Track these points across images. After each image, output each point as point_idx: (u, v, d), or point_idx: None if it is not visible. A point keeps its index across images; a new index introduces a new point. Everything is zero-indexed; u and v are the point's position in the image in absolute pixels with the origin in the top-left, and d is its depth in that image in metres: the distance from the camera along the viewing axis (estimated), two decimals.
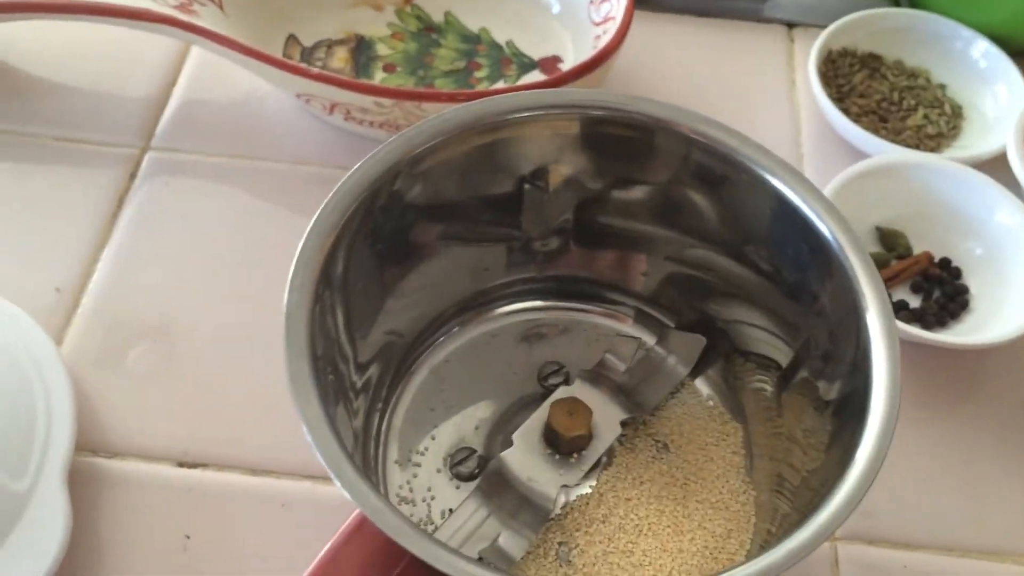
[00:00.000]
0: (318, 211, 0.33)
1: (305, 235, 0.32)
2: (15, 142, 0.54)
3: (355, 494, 0.27)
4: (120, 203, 0.52)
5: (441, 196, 0.37)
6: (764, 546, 0.33)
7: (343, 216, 0.32)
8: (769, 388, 0.39)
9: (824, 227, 0.34)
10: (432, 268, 0.40)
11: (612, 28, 0.53)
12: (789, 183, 0.34)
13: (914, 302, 0.49)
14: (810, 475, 0.33)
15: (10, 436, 0.40)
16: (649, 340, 0.43)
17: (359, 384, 0.37)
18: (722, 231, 0.38)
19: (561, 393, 0.39)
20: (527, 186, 0.38)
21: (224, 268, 0.50)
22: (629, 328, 0.43)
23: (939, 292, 0.49)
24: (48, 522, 0.39)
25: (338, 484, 0.27)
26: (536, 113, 0.35)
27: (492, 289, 0.43)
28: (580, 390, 0.39)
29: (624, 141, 0.36)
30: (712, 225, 0.38)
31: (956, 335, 0.47)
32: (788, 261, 0.36)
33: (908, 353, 0.47)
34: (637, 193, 0.38)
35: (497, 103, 0.35)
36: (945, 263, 0.50)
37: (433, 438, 0.40)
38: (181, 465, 0.43)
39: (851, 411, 0.31)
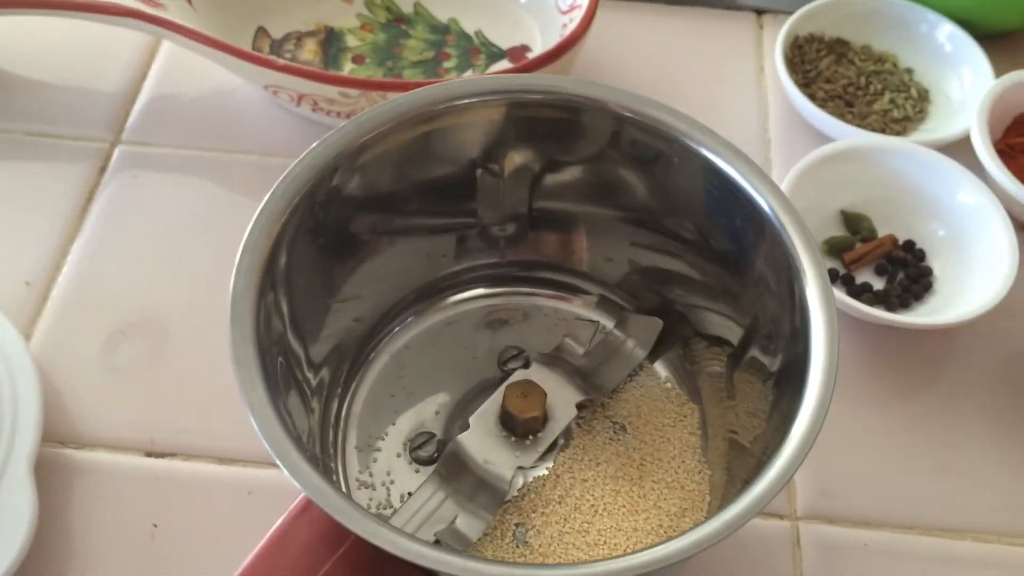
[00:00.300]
0: (265, 198, 0.33)
1: (252, 221, 0.33)
2: None
3: (297, 476, 0.27)
4: (90, 197, 0.52)
5: (392, 183, 0.38)
6: None
7: (290, 203, 0.33)
8: (722, 368, 0.39)
9: (760, 197, 0.34)
10: (388, 255, 0.40)
11: (578, 16, 0.53)
12: (722, 155, 0.35)
13: (878, 284, 0.50)
14: (753, 444, 0.34)
15: None
16: (608, 324, 0.43)
17: (316, 369, 0.37)
18: (665, 209, 0.39)
19: (518, 376, 0.39)
20: (479, 171, 0.38)
21: (193, 260, 0.50)
22: (589, 312, 0.43)
23: (903, 274, 0.50)
24: (14, 512, 0.39)
25: (281, 466, 0.28)
26: (477, 99, 0.36)
27: (451, 276, 0.43)
28: (537, 373, 0.39)
29: (562, 123, 0.36)
30: (655, 204, 0.39)
31: (920, 316, 0.48)
32: (729, 235, 0.36)
33: (872, 335, 0.47)
34: (582, 175, 0.39)
35: (438, 91, 0.35)
36: (909, 245, 0.51)
37: (393, 424, 0.40)
38: (149, 455, 0.44)
39: (791, 381, 0.32)
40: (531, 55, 0.58)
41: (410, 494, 0.38)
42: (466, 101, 0.35)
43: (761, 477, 0.28)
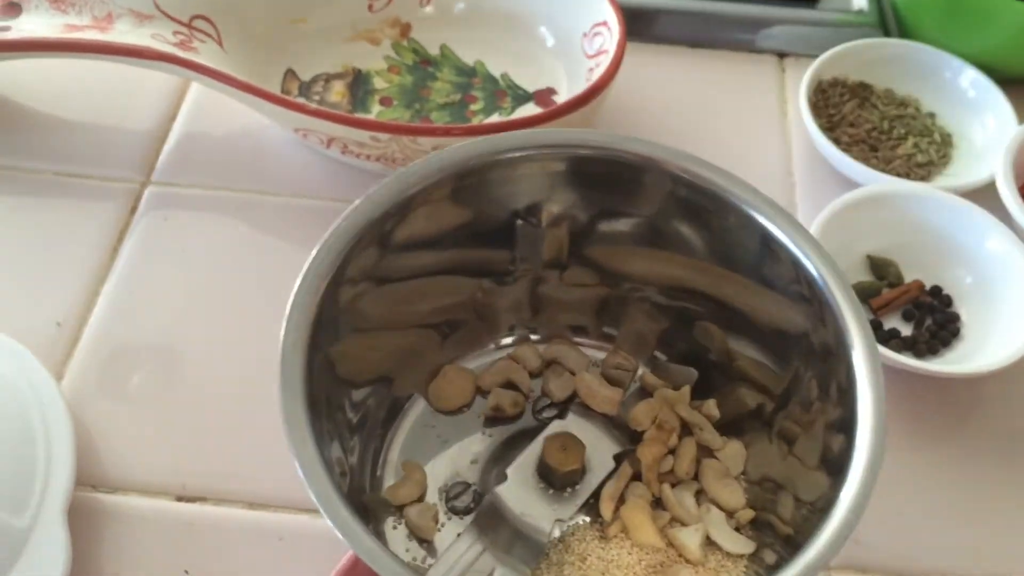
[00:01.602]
0: (313, 252, 0.33)
1: (301, 276, 0.33)
2: (18, 177, 0.55)
3: (349, 536, 0.27)
4: (121, 237, 0.53)
5: (434, 235, 0.38)
6: None
7: (338, 257, 0.33)
8: (759, 421, 0.39)
9: (810, 264, 0.34)
10: (428, 303, 0.40)
11: (605, 61, 0.54)
12: (775, 220, 0.35)
13: (905, 330, 0.50)
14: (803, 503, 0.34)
15: (11, 472, 0.41)
16: (643, 371, 0.43)
17: (354, 421, 0.37)
18: (710, 266, 0.39)
19: (555, 427, 0.39)
20: (520, 222, 0.39)
21: (224, 301, 0.50)
22: (622, 361, 0.43)
23: (930, 320, 0.50)
24: (49, 558, 0.39)
25: (332, 526, 0.28)
26: (527, 152, 0.36)
27: (487, 322, 0.43)
28: (574, 424, 0.39)
29: (613, 179, 0.37)
30: (701, 260, 0.39)
31: (947, 363, 0.48)
32: (776, 296, 0.37)
33: (899, 381, 0.48)
34: (627, 228, 0.39)
35: (486, 144, 0.36)
36: (936, 291, 0.51)
37: (429, 472, 0.40)
38: (180, 499, 0.44)
39: (835, 439, 0.32)
40: (557, 98, 0.58)
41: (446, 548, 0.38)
42: (511, 155, 0.36)
43: (810, 546, 0.28)
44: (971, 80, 0.58)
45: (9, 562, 0.39)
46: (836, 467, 0.31)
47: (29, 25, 0.53)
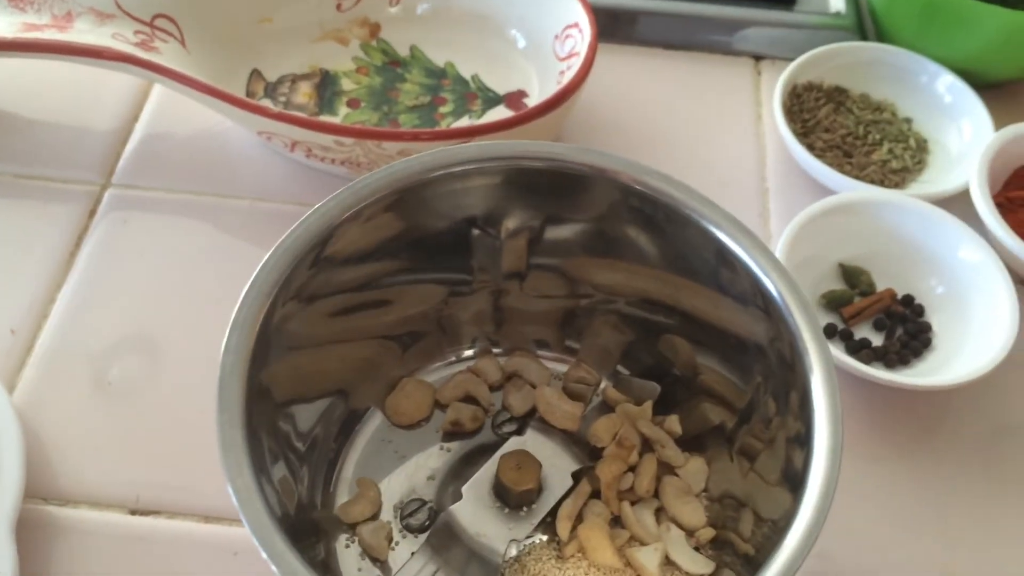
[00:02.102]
0: (255, 271, 0.32)
1: (242, 296, 0.32)
2: None
3: (281, 566, 0.27)
4: (79, 241, 0.52)
5: (387, 248, 0.37)
6: None
7: (281, 275, 0.32)
8: (721, 438, 0.38)
9: (768, 280, 0.33)
10: (380, 318, 0.39)
11: (576, 63, 0.53)
12: (724, 228, 0.34)
13: (877, 340, 0.49)
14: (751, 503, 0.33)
15: None
16: (605, 386, 0.42)
17: (304, 438, 0.36)
18: (670, 278, 0.38)
19: (512, 444, 0.39)
20: (476, 233, 0.38)
21: (183, 307, 0.49)
22: (584, 375, 0.42)
23: (902, 330, 0.49)
24: None
25: (265, 556, 0.27)
26: (479, 165, 0.35)
27: (448, 335, 0.42)
28: (532, 441, 0.39)
29: (566, 190, 0.36)
30: (661, 272, 0.38)
31: (918, 374, 0.47)
32: (736, 311, 0.36)
33: (870, 391, 0.47)
34: (585, 240, 0.38)
35: (439, 156, 0.35)
36: (908, 300, 0.50)
37: (383, 489, 0.39)
38: (133, 513, 0.43)
39: (793, 453, 0.31)
40: (528, 100, 0.57)
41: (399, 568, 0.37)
42: (464, 167, 0.35)
43: (768, 566, 0.27)
44: (948, 85, 0.57)
45: None
46: (795, 484, 0.30)
47: None
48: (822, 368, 0.31)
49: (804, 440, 0.30)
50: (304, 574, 0.26)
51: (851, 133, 0.57)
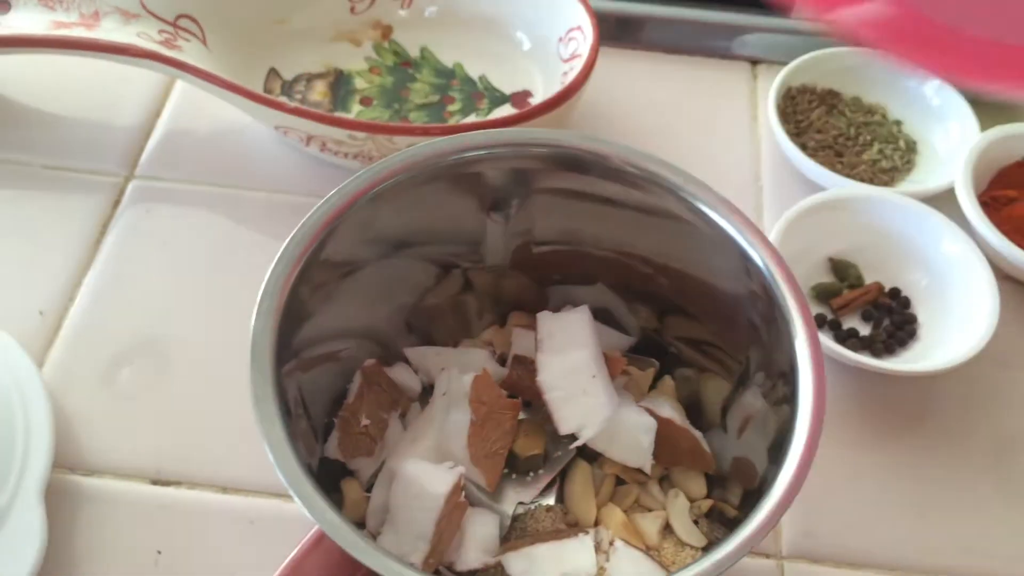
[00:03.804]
0: (285, 242, 0.35)
1: (271, 267, 0.34)
2: (5, 170, 0.56)
3: (313, 511, 0.29)
4: (104, 229, 0.54)
5: (403, 227, 0.39)
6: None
7: (307, 248, 0.35)
8: (718, 401, 0.41)
9: (752, 250, 0.36)
10: (396, 296, 0.42)
11: (579, 65, 0.55)
12: (717, 208, 0.37)
13: (864, 330, 0.51)
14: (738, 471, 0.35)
15: None
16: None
17: (324, 395, 0.39)
18: (662, 258, 0.41)
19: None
20: (486, 216, 0.40)
21: (203, 293, 0.52)
22: None
23: (888, 321, 0.52)
24: (25, 537, 0.40)
25: (298, 502, 0.29)
26: (491, 150, 0.37)
27: (458, 316, 0.45)
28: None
29: (573, 176, 0.38)
30: (652, 250, 0.40)
31: (904, 362, 0.49)
32: (721, 284, 0.38)
33: (857, 379, 0.49)
34: (583, 221, 0.41)
35: (453, 142, 0.37)
36: (895, 293, 0.52)
37: None
38: (155, 483, 0.45)
39: (781, 423, 0.33)
40: (533, 100, 0.60)
41: None
42: (475, 153, 0.37)
43: (750, 520, 0.29)
44: (935, 89, 0.59)
45: None
46: (777, 449, 0.32)
47: (17, 22, 0.55)
48: (805, 332, 0.33)
49: (789, 402, 0.32)
50: (333, 517, 0.28)
51: (843, 134, 0.59)
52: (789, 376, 0.33)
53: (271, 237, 0.54)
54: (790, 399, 0.32)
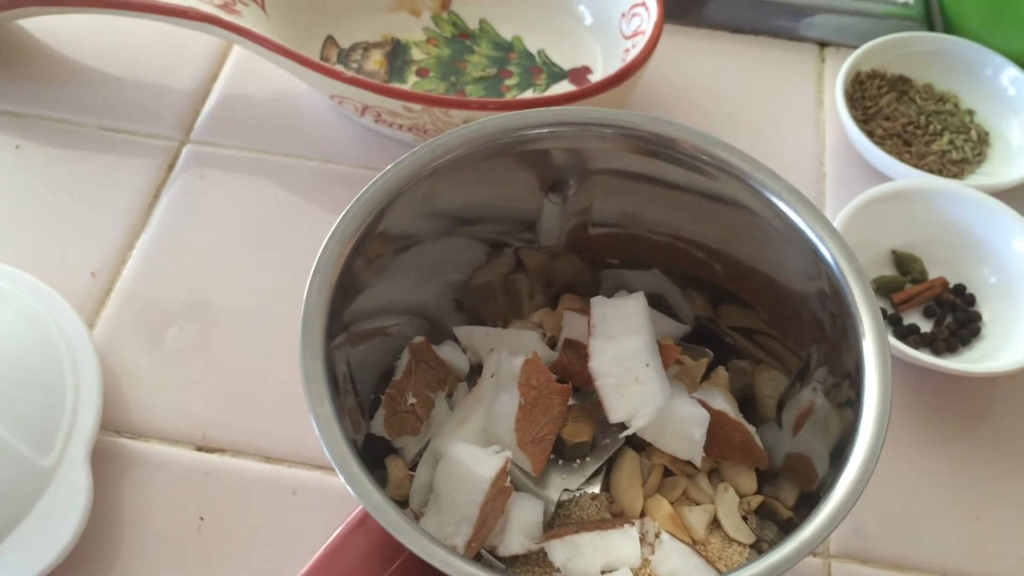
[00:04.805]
0: (339, 218, 0.34)
1: (325, 240, 0.34)
2: (63, 129, 0.56)
3: (359, 491, 0.28)
4: (157, 193, 0.54)
5: (460, 205, 0.39)
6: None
7: (361, 223, 0.34)
8: (774, 398, 0.40)
9: (826, 250, 0.34)
10: (448, 275, 0.41)
11: (641, 42, 0.54)
12: (788, 200, 0.35)
13: (926, 327, 0.50)
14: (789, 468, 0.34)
15: (39, 412, 0.42)
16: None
17: (372, 373, 0.38)
18: (726, 247, 0.39)
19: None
20: (545, 196, 0.39)
21: (253, 260, 0.51)
22: None
23: (951, 318, 0.50)
24: (71, 497, 0.41)
25: (344, 481, 0.29)
26: (553, 129, 0.36)
27: (508, 296, 0.44)
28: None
29: (638, 159, 0.37)
30: (715, 239, 0.39)
31: (966, 362, 0.48)
32: (786, 276, 0.37)
33: (916, 376, 0.48)
34: (645, 206, 0.40)
35: (515, 118, 0.36)
36: (959, 289, 0.51)
37: None
38: (200, 449, 0.45)
39: (843, 422, 0.32)
40: (592, 77, 0.59)
41: None
42: (537, 131, 0.36)
43: (808, 523, 0.29)
44: (1012, 78, 0.57)
45: (34, 498, 0.40)
46: (839, 451, 0.31)
47: None
48: (874, 334, 0.32)
49: (853, 404, 0.31)
50: (378, 498, 0.28)
51: (912, 122, 0.57)
52: (855, 379, 0.31)
53: (322, 206, 0.54)
54: (854, 403, 0.31)
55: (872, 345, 0.32)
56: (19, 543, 0.39)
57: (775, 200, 0.35)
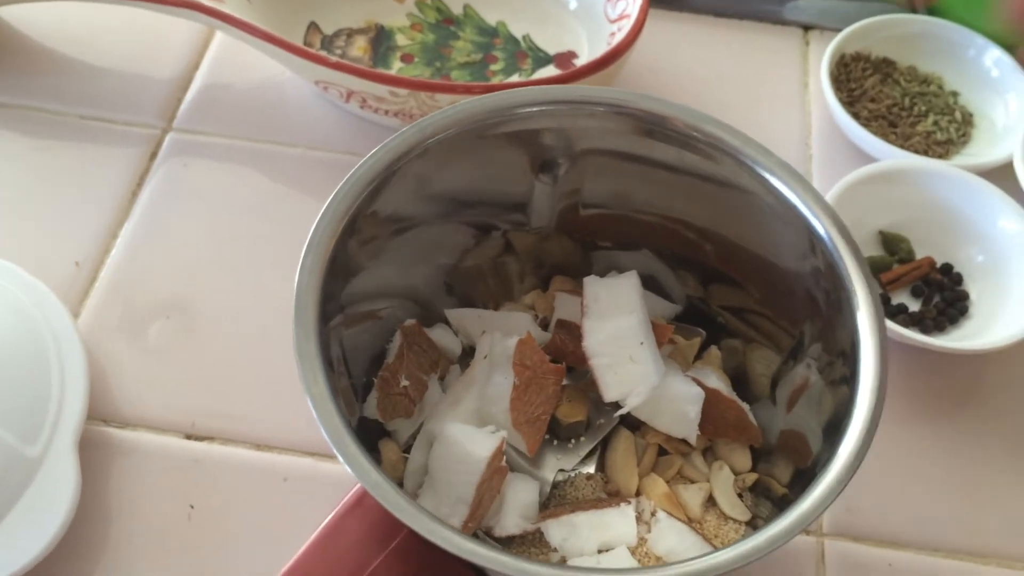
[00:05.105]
0: (329, 198, 0.34)
1: (316, 220, 0.33)
2: (43, 118, 0.55)
3: (357, 469, 0.28)
4: (140, 182, 0.53)
5: (450, 186, 0.38)
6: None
7: (353, 203, 0.34)
8: (767, 375, 0.40)
9: (819, 225, 0.34)
10: (439, 256, 0.41)
11: (627, 25, 0.54)
12: (779, 175, 0.35)
13: (914, 306, 0.50)
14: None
15: (25, 403, 0.42)
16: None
17: (364, 353, 0.38)
18: (719, 225, 0.39)
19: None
20: (534, 176, 0.39)
21: (238, 248, 0.51)
22: None
23: (939, 297, 0.50)
24: (58, 487, 0.40)
25: (341, 459, 0.28)
26: (543, 108, 0.36)
27: (498, 278, 0.44)
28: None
29: (629, 137, 0.37)
30: (708, 217, 0.39)
31: (954, 340, 0.48)
32: (779, 253, 0.37)
33: (905, 356, 0.48)
34: (636, 184, 0.39)
35: (505, 97, 0.36)
36: (946, 268, 0.51)
37: None
38: (188, 437, 0.45)
39: (837, 399, 0.32)
40: (577, 62, 0.58)
41: None
42: (527, 110, 0.36)
43: (805, 497, 0.29)
44: (995, 59, 0.58)
45: (20, 489, 0.40)
46: (834, 427, 0.31)
47: None
48: (869, 308, 0.32)
49: (848, 380, 0.31)
50: (375, 474, 0.28)
51: (897, 104, 0.57)
52: (850, 356, 0.31)
53: (307, 193, 0.53)
54: (849, 379, 0.31)
55: (867, 320, 0.32)
56: (6, 533, 0.39)
57: (768, 176, 0.35)
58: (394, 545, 0.30)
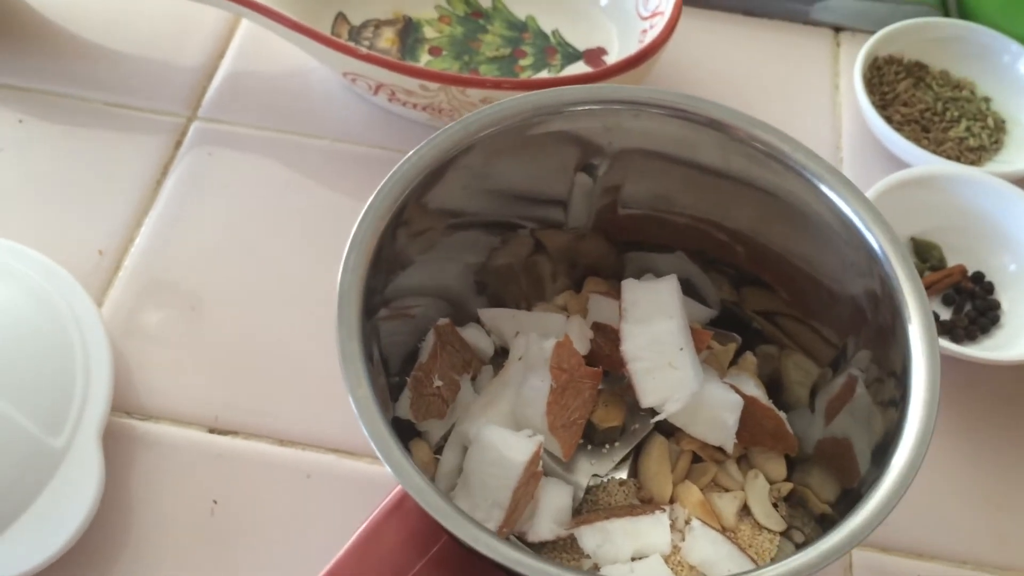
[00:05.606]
0: (373, 195, 0.33)
1: (359, 218, 0.33)
2: (67, 105, 0.55)
3: (401, 473, 0.28)
4: (165, 170, 0.53)
5: (492, 184, 0.38)
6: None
7: (395, 201, 0.33)
8: (805, 386, 0.39)
9: (871, 236, 0.34)
10: (476, 255, 0.40)
11: (660, 23, 0.53)
12: (831, 184, 0.35)
13: (945, 315, 0.49)
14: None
15: (49, 393, 0.41)
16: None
17: (401, 352, 0.38)
18: (764, 230, 0.39)
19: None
20: (576, 175, 0.38)
21: (262, 239, 0.50)
22: None
23: (970, 306, 0.50)
24: (82, 478, 0.40)
25: (385, 463, 0.28)
26: (590, 107, 0.36)
27: (532, 278, 0.43)
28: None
29: (677, 140, 0.36)
30: (754, 225, 0.39)
31: (985, 350, 0.47)
32: (833, 267, 0.36)
33: None
34: (683, 189, 0.39)
35: (551, 95, 0.35)
36: (978, 277, 0.50)
37: None
38: (212, 431, 0.44)
39: (884, 412, 0.32)
40: (607, 58, 0.58)
41: None
42: (574, 109, 0.35)
43: (858, 511, 0.28)
44: None
45: (44, 480, 0.39)
46: (881, 445, 0.30)
47: None
48: (925, 338, 0.31)
49: (898, 404, 0.31)
50: (418, 479, 0.27)
51: (929, 108, 0.57)
52: (901, 379, 0.31)
53: (332, 186, 0.53)
54: (899, 401, 0.30)
55: (920, 343, 0.31)
56: (30, 525, 0.38)
57: (818, 183, 0.35)
58: (434, 552, 0.29)
